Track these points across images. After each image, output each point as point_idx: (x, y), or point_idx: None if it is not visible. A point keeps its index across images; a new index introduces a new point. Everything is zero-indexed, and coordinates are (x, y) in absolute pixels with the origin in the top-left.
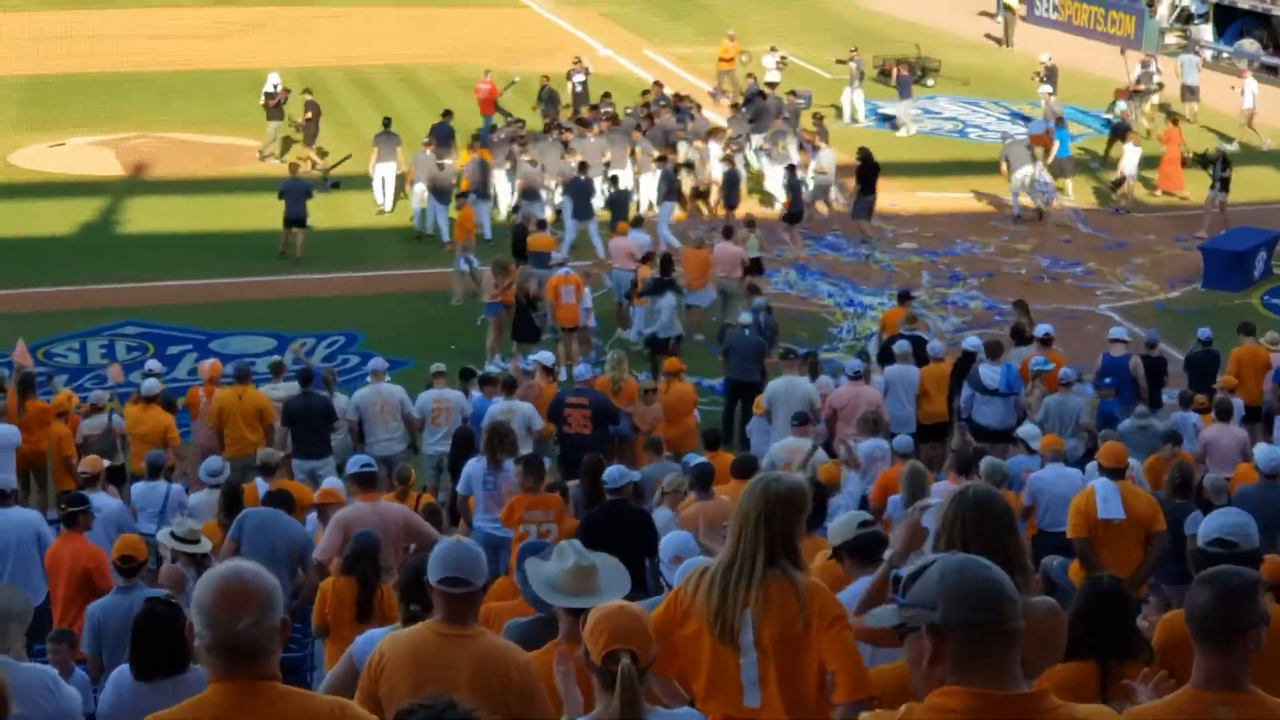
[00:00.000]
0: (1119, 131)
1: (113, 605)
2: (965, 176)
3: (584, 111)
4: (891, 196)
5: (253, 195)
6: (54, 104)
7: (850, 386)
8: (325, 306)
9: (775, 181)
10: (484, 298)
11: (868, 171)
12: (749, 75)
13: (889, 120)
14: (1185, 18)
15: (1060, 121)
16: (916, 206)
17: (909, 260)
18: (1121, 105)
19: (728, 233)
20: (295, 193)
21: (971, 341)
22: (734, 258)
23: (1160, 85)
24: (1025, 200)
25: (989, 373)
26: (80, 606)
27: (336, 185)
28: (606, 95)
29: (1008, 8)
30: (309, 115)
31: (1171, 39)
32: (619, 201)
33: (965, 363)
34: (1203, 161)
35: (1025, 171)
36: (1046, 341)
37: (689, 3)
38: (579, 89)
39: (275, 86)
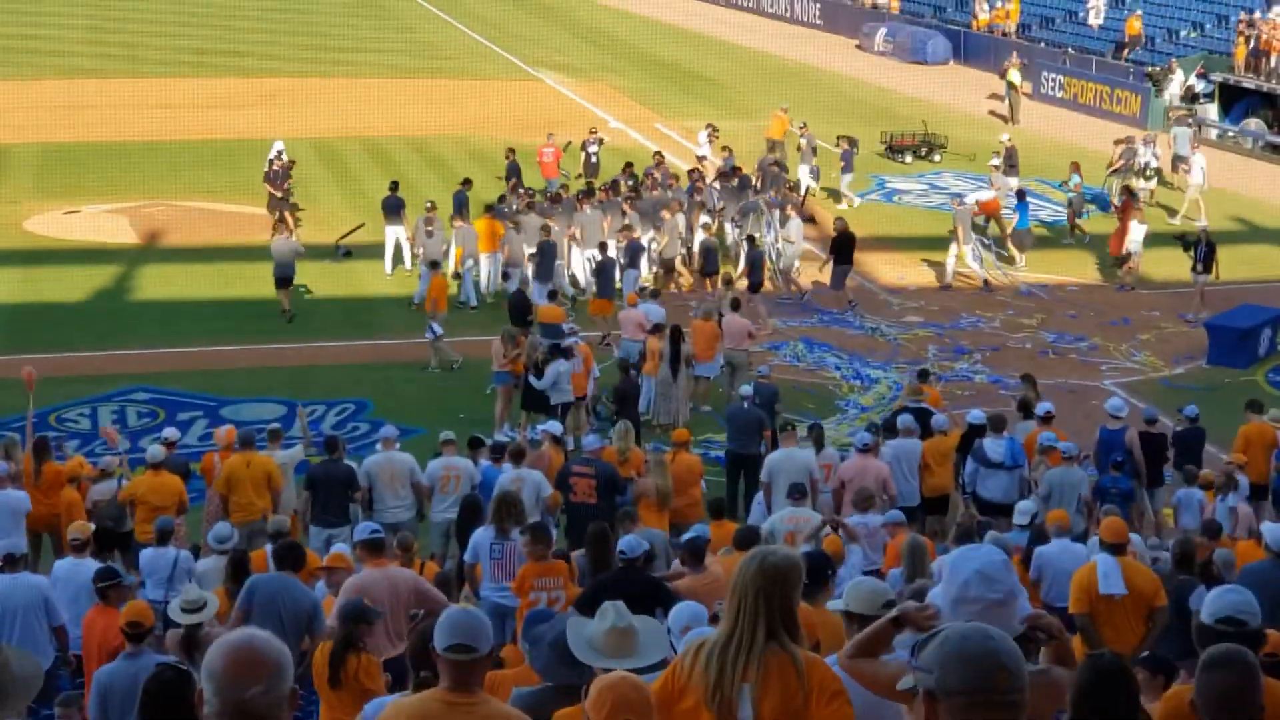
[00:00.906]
0: (1074, 206)
1: (119, 671)
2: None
3: (594, 183)
4: (899, 270)
5: (266, 263)
6: (70, 172)
7: (858, 459)
8: (335, 374)
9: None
10: (493, 366)
11: (844, 243)
12: (724, 149)
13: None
14: (1191, 97)
15: (1021, 195)
16: (922, 280)
17: (915, 334)
18: (1076, 179)
19: (735, 305)
20: (283, 254)
21: (975, 415)
22: (741, 330)
23: (1157, 170)
24: (966, 269)
25: (993, 446)
26: None
27: (349, 254)
28: (629, 165)
29: (1013, 86)
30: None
31: (1177, 118)
32: (604, 270)
33: (970, 436)
34: (1184, 244)
35: (960, 247)
36: (1047, 419)
37: (700, 79)
38: (594, 159)
39: (280, 154)
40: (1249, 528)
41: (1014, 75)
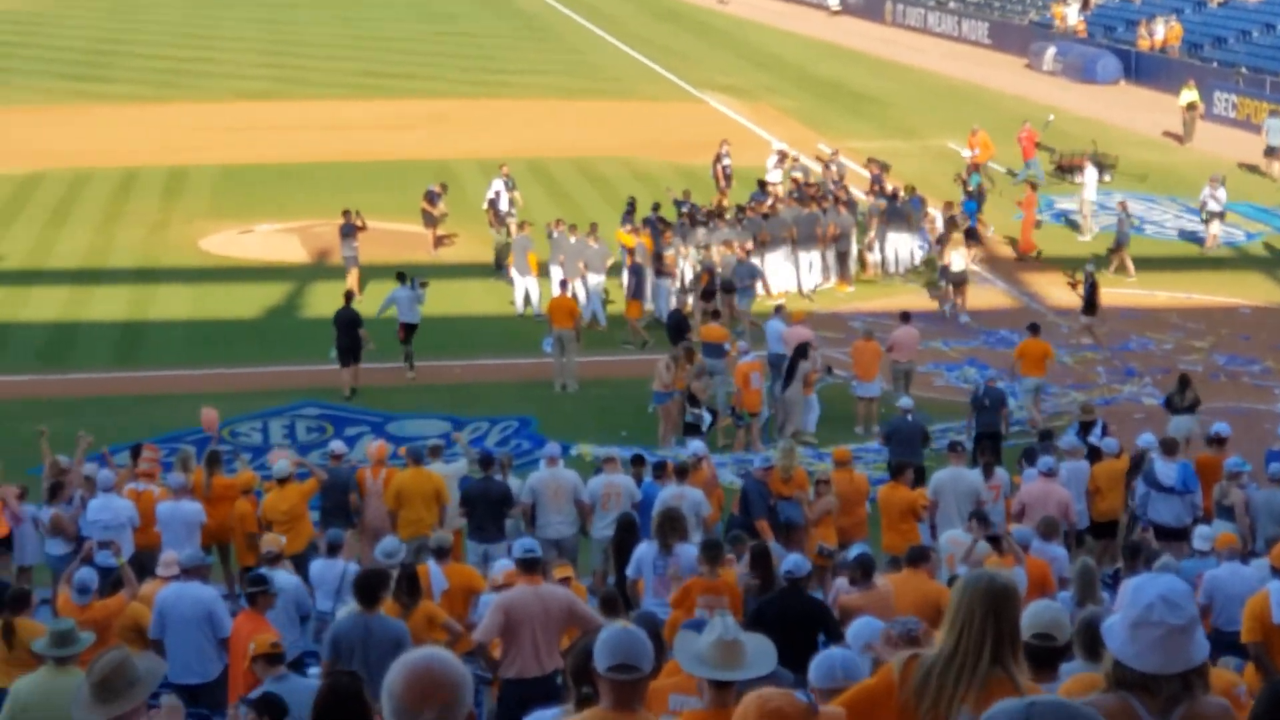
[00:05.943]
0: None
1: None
2: (1142, 272)
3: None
4: (1069, 292)
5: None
6: (243, 192)
7: (1041, 483)
8: (499, 391)
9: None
10: (654, 386)
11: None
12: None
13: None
14: None
15: (970, 195)
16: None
17: (1084, 356)
18: (977, 178)
19: (905, 317)
20: (343, 235)
21: (1146, 439)
22: (914, 340)
23: (1217, 213)
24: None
25: (1165, 470)
26: (249, 686)
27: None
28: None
29: (1191, 106)
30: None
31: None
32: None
33: (1139, 460)
34: (1072, 285)
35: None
36: (1221, 442)
37: (865, 99)
38: (728, 172)
39: (497, 194)
40: None
41: (1187, 96)
